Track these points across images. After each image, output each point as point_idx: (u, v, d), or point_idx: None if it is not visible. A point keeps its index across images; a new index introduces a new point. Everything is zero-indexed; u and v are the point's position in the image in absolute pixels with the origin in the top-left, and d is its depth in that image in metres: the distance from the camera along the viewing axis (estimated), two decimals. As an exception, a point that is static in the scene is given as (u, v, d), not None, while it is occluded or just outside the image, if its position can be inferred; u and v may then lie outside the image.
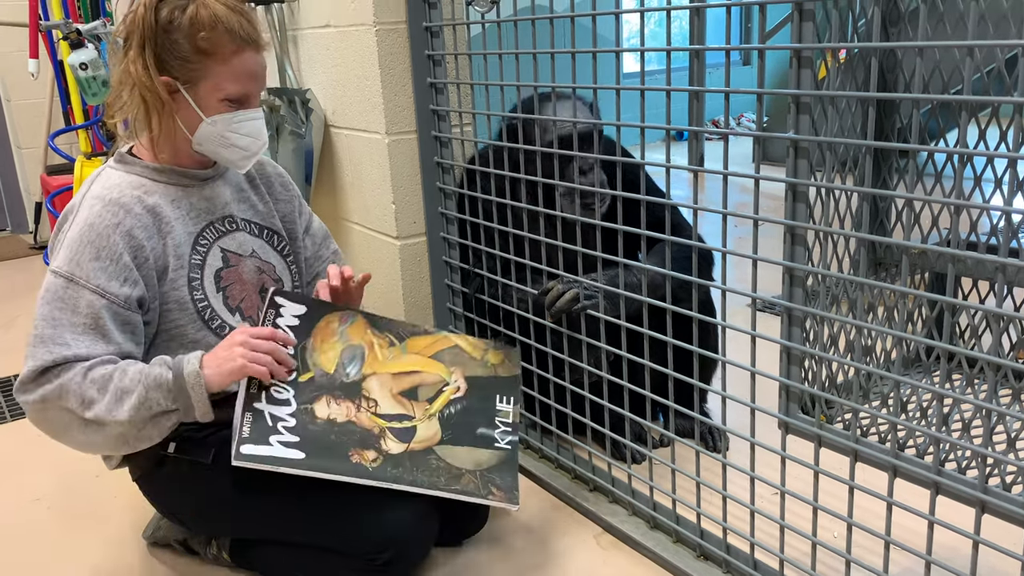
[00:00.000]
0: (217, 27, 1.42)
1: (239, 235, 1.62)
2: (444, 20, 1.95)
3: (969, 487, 1.12)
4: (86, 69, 2.69)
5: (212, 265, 1.55)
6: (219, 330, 1.54)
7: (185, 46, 1.42)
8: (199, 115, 1.47)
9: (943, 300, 1.11)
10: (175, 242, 1.50)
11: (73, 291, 1.39)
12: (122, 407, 1.36)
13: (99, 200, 1.45)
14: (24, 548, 1.83)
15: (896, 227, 1.81)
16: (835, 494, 1.35)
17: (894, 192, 1.68)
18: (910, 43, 1.09)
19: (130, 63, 1.44)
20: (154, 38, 1.42)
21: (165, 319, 1.50)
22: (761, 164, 1.34)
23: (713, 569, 1.55)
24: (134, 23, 1.44)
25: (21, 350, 1.44)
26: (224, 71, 1.45)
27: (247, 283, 1.61)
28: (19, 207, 4.80)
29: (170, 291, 1.49)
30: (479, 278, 2.02)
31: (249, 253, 1.62)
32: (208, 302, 1.53)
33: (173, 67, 1.43)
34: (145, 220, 1.47)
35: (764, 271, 1.36)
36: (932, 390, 1.18)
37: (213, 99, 1.47)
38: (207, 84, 1.45)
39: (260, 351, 1.41)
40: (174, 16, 1.42)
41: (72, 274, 1.40)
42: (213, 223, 1.58)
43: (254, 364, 1.40)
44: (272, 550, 1.59)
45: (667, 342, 1.52)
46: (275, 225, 1.70)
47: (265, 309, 1.52)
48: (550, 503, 1.86)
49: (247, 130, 1.51)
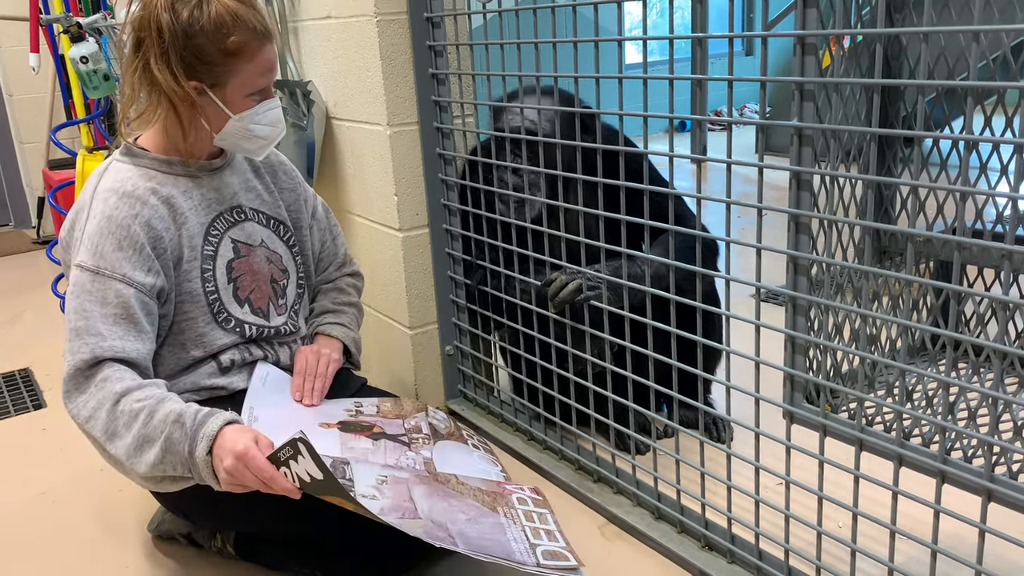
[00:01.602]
0: (240, 27, 1.40)
1: (248, 225, 1.61)
2: (445, 10, 1.94)
3: (975, 475, 1.11)
4: (87, 63, 2.68)
5: (224, 256, 1.55)
6: (224, 323, 1.53)
7: (210, 49, 1.40)
8: (226, 113, 1.46)
9: (949, 288, 1.10)
10: (189, 233, 1.50)
11: (100, 283, 1.39)
12: (141, 459, 1.33)
13: (113, 193, 1.44)
14: (30, 541, 1.84)
15: (901, 215, 1.81)
16: (840, 483, 1.35)
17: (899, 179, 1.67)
18: (915, 28, 1.08)
19: (153, 70, 1.40)
20: (177, 43, 1.38)
21: (178, 311, 1.50)
22: (764, 155, 1.33)
23: (718, 559, 1.55)
24: (147, 27, 1.39)
25: (25, 345, 1.44)
26: (250, 69, 1.44)
27: (258, 273, 1.60)
28: (22, 202, 4.80)
29: (184, 282, 1.49)
30: (482, 270, 2.01)
31: (259, 243, 1.62)
32: (218, 294, 1.53)
33: (200, 71, 1.41)
34: (161, 211, 1.46)
35: (768, 262, 1.36)
36: (938, 378, 1.17)
37: (240, 96, 1.46)
38: (235, 83, 1.44)
39: (248, 484, 1.30)
40: (193, 17, 1.38)
41: (97, 266, 1.39)
42: (223, 213, 1.57)
43: (230, 488, 1.32)
44: (278, 545, 1.59)
45: (671, 333, 1.52)
46: (281, 215, 1.69)
47: (283, 445, 1.27)
48: (554, 494, 1.85)
49: (268, 120, 1.51)
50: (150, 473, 1.33)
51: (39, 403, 2.55)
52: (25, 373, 2.75)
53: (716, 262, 1.90)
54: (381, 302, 2.27)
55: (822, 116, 1.26)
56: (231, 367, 1.55)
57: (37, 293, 3.57)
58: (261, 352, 1.60)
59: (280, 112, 1.54)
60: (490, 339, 2.16)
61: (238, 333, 1.56)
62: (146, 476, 1.34)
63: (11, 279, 3.99)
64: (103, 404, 1.34)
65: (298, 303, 1.70)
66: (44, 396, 2.59)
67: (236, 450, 1.28)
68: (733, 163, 1.34)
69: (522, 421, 2.06)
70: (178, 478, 1.35)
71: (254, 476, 1.27)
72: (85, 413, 1.35)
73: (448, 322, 2.19)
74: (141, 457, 1.33)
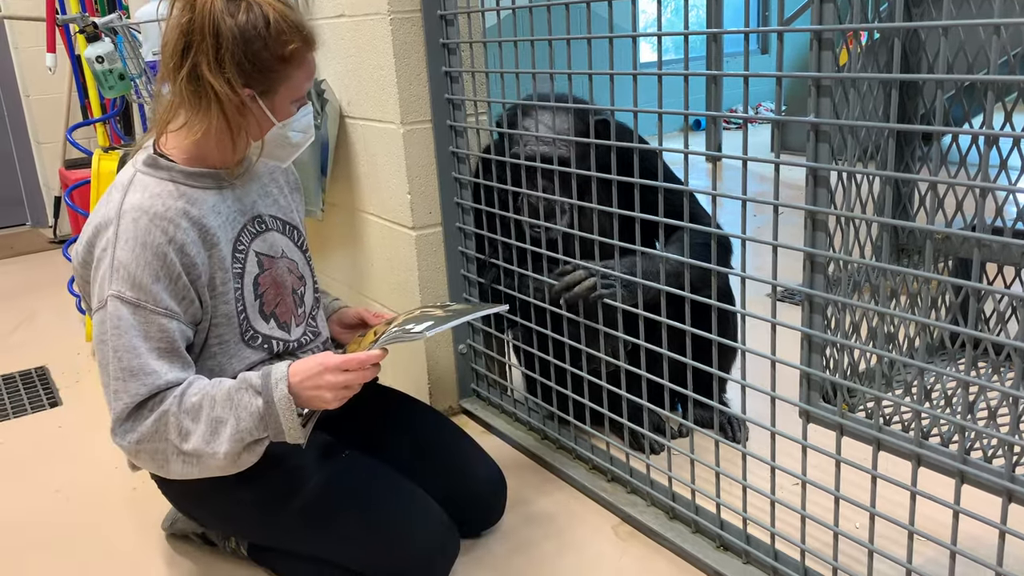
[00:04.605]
0: (295, 32, 1.36)
1: (269, 235, 1.55)
2: (459, 8, 1.93)
3: (995, 476, 1.10)
4: (102, 62, 2.69)
5: (250, 272, 1.49)
6: (251, 341, 1.49)
7: (266, 56, 1.34)
8: (271, 121, 1.41)
9: (968, 285, 1.08)
10: (220, 254, 1.43)
11: (142, 316, 1.33)
12: (218, 439, 1.33)
13: (144, 213, 1.35)
14: (45, 538, 1.85)
15: (919, 212, 1.79)
16: (857, 484, 1.34)
17: (918, 176, 1.65)
18: (934, 22, 1.07)
19: (207, 77, 1.32)
20: (233, 49, 1.32)
21: (211, 334, 1.45)
22: (780, 152, 1.32)
23: (733, 560, 1.53)
24: (199, 31, 1.31)
25: (42, 343, 1.44)
26: (299, 74, 1.40)
27: (281, 286, 1.55)
28: (39, 201, 4.84)
29: (220, 304, 1.44)
30: (495, 268, 2.01)
31: (280, 254, 1.56)
32: (246, 312, 1.48)
33: (255, 78, 1.35)
34: (192, 235, 1.39)
35: (784, 260, 1.34)
36: (957, 377, 1.16)
37: (286, 103, 1.41)
38: (284, 90, 1.39)
39: (351, 387, 1.37)
40: (250, 23, 1.32)
41: (137, 299, 1.33)
42: (246, 225, 1.51)
43: (341, 401, 1.37)
44: (292, 557, 1.57)
45: (685, 331, 1.50)
46: (294, 219, 1.64)
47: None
48: (568, 494, 1.85)
49: (301, 126, 1.47)
50: (231, 448, 1.33)
51: (55, 401, 2.57)
52: (41, 371, 2.77)
53: (730, 260, 1.89)
54: (394, 301, 2.27)
55: (839, 112, 1.25)
56: None
57: (53, 292, 3.59)
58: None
59: (312, 117, 1.50)
60: (503, 338, 2.16)
61: (265, 350, 1.51)
62: (228, 454, 1.33)
63: (27, 278, 4.02)
64: (164, 417, 1.32)
65: (315, 309, 1.67)
66: (60, 394, 2.61)
67: (325, 368, 1.35)
68: (749, 160, 1.33)
69: (535, 420, 2.05)
70: (258, 441, 1.36)
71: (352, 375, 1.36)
72: (148, 434, 1.33)
73: (461, 321, 2.18)
74: (218, 438, 1.33)
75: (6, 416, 2.49)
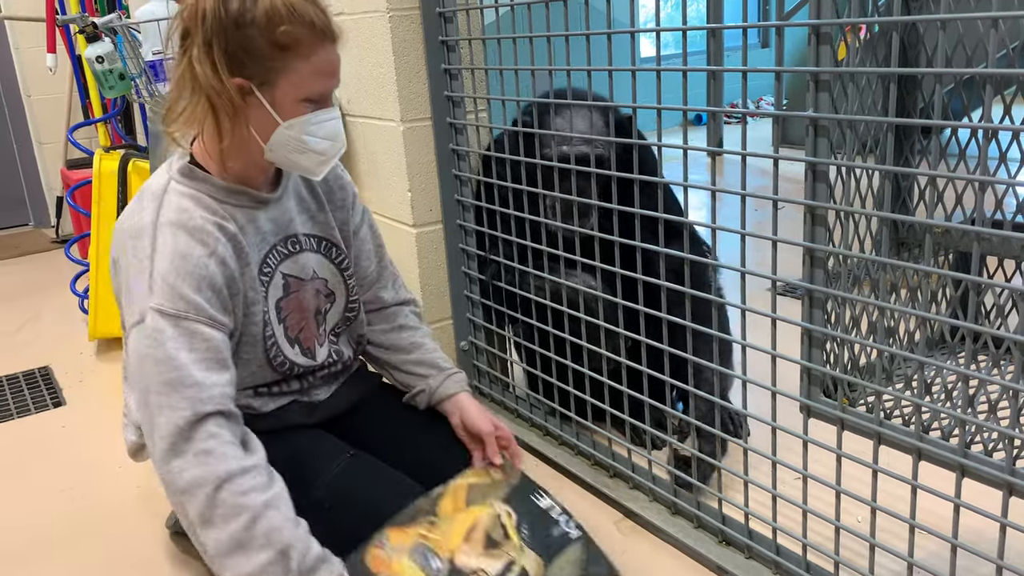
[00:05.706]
0: (296, 18, 1.26)
1: (302, 257, 1.48)
2: (458, 5, 1.93)
3: (996, 469, 1.10)
4: (103, 62, 2.70)
5: (274, 295, 1.43)
6: (280, 366, 1.45)
7: (261, 42, 1.25)
8: (275, 119, 1.31)
9: (968, 279, 1.09)
10: (251, 274, 1.38)
11: (184, 327, 1.27)
12: (230, 562, 1.22)
13: (182, 229, 1.30)
14: (50, 537, 1.85)
15: (919, 206, 1.79)
16: (858, 478, 1.34)
17: (917, 170, 1.65)
18: (932, 16, 1.07)
19: (194, 63, 1.26)
20: (223, 34, 1.24)
21: (235, 353, 1.38)
22: (780, 147, 1.32)
23: (735, 555, 1.54)
24: (195, 16, 1.26)
25: (45, 343, 1.44)
26: (304, 68, 1.29)
27: (305, 310, 1.49)
28: (41, 201, 4.85)
29: (249, 325, 1.39)
30: (495, 265, 2.01)
31: (310, 276, 1.49)
32: (274, 336, 1.43)
33: (247, 67, 1.27)
34: (230, 250, 1.34)
35: (784, 255, 1.34)
36: (957, 371, 1.16)
37: (291, 100, 1.30)
38: (285, 84, 1.29)
39: None
40: (246, 7, 1.25)
41: (177, 310, 1.27)
42: (276, 245, 1.44)
43: None
44: None
45: (686, 327, 1.51)
46: (333, 236, 1.55)
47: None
48: (570, 489, 1.85)
49: (325, 132, 1.35)
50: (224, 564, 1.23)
51: (59, 401, 2.57)
52: (45, 371, 2.78)
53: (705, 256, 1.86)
54: (396, 298, 2.27)
55: (838, 107, 1.25)
56: (266, 392, 1.50)
57: (57, 292, 3.60)
58: (298, 384, 1.53)
59: (340, 125, 1.38)
60: (505, 334, 2.16)
61: (286, 372, 1.48)
62: (215, 559, 1.24)
63: (31, 278, 4.03)
64: (203, 485, 1.22)
65: (342, 326, 1.60)
66: (63, 394, 2.61)
67: None
68: (748, 155, 1.33)
69: (537, 416, 2.06)
70: None
71: None
72: (181, 484, 1.23)
73: (463, 318, 2.19)
74: (231, 560, 1.22)
75: (10, 416, 2.50)
